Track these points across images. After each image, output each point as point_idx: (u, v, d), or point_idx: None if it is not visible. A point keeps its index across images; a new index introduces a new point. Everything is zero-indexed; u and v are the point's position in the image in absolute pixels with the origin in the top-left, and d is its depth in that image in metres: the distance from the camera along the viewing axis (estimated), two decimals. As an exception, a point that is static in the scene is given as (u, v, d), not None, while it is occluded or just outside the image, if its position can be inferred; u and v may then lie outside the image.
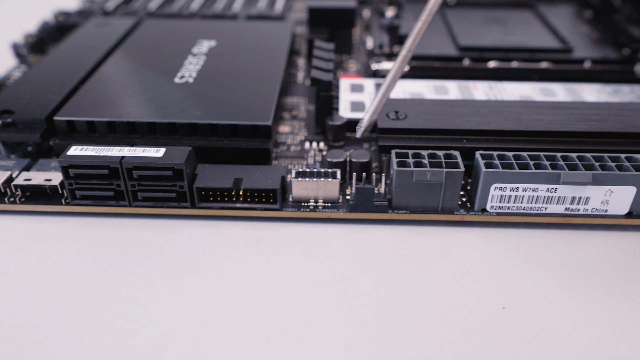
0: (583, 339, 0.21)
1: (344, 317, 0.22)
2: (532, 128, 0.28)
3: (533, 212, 0.26)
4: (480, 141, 0.28)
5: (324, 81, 0.31)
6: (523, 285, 0.24)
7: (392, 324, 0.22)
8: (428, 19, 0.27)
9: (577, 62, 0.39)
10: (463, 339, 0.21)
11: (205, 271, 0.24)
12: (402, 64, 0.27)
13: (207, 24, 0.40)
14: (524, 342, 0.21)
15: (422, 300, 0.23)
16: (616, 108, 0.30)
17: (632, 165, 0.26)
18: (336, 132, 0.31)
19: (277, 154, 0.31)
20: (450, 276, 0.24)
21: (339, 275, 0.24)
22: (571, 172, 0.25)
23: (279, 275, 0.24)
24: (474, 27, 0.43)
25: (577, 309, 0.23)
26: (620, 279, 0.24)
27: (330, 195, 0.27)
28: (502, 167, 0.26)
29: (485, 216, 0.26)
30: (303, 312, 0.22)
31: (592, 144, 0.28)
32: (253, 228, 0.27)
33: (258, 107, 0.29)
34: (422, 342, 0.21)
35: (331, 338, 0.21)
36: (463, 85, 0.36)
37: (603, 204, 0.26)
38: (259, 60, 0.35)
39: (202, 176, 0.26)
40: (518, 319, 0.22)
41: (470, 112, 0.29)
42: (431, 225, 0.27)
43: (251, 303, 0.23)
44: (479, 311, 0.22)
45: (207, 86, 0.32)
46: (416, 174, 0.25)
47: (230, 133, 0.29)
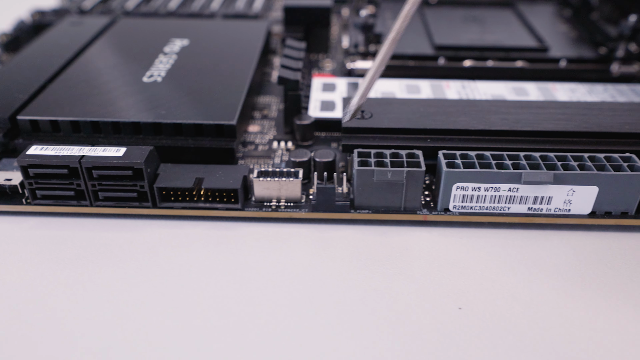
0: (540, 339, 0.21)
1: (302, 317, 0.22)
2: (498, 127, 0.28)
3: (496, 211, 0.26)
4: (444, 140, 0.28)
5: (291, 80, 0.31)
6: (482, 285, 0.24)
7: (348, 324, 0.22)
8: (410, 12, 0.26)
9: (552, 61, 0.39)
10: (416, 339, 0.21)
11: (165, 271, 0.24)
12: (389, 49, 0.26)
13: (181, 23, 0.40)
14: (477, 343, 0.21)
15: (378, 300, 0.23)
16: (584, 107, 0.30)
17: (594, 165, 0.26)
18: (304, 132, 0.31)
19: (245, 154, 0.30)
20: (408, 276, 0.24)
21: (298, 275, 0.24)
22: (532, 172, 0.25)
23: (238, 276, 0.24)
24: (452, 26, 0.43)
25: (534, 309, 0.22)
26: (580, 279, 0.24)
27: (292, 195, 0.27)
28: (464, 166, 0.25)
29: (448, 216, 0.26)
30: (262, 311, 0.22)
31: (557, 143, 0.28)
32: (215, 228, 0.27)
33: (224, 107, 0.29)
34: (375, 343, 0.21)
35: (289, 337, 0.21)
36: (436, 85, 0.36)
37: (566, 203, 0.26)
38: (230, 59, 0.35)
39: (164, 176, 0.26)
40: (473, 320, 0.22)
41: (437, 111, 0.29)
42: (394, 225, 0.27)
43: (211, 303, 0.23)
44: (434, 311, 0.22)
45: (174, 85, 0.31)
46: (377, 173, 0.25)
47: (195, 133, 0.28)
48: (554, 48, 0.40)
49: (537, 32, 0.42)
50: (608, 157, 0.26)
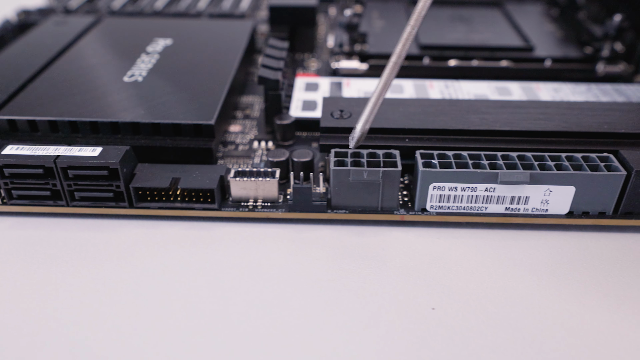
0: (514, 339, 0.21)
1: (277, 317, 0.22)
2: (476, 127, 0.28)
3: (473, 212, 0.26)
4: (423, 140, 0.28)
5: (271, 80, 0.31)
6: (457, 286, 0.23)
7: (321, 324, 0.22)
8: (417, 23, 0.25)
9: (537, 60, 0.39)
10: (388, 340, 0.21)
11: (141, 271, 0.24)
12: (392, 70, 0.25)
13: (166, 23, 0.40)
14: (449, 343, 0.21)
15: (352, 300, 0.23)
16: (564, 107, 0.30)
17: (571, 165, 0.26)
18: (285, 131, 0.31)
19: (225, 153, 0.30)
20: (383, 277, 0.24)
21: (273, 276, 0.24)
22: (509, 172, 0.25)
23: (214, 276, 0.24)
24: (439, 26, 0.43)
25: (509, 309, 0.22)
26: (557, 279, 0.24)
27: (269, 195, 0.27)
28: (441, 166, 0.25)
29: (425, 216, 0.26)
30: (238, 311, 0.22)
31: (535, 143, 0.27)
32: (192, 228, 0.27)
33: (203, 107, 0.29)
34: (348, 342, 0.21)
35: (265, 337, 0.21)
36: (419, 84, 0.36)
37: (543, 203, 0.26)
38: (212, 59, 0.35)
39: (140, 176, 0.26)
40: (446, 320, 0.22)
41: (417, 111, 0.29)
42: (372, 225, 0.27)
43: (187, 303, 0.23)
44: (407, 312, 0.22)
45: (155, 85, 0.31)
46: (353, 173, 0.25)
47: (173, 132, 0.28)
48: (539, 48, 0.40)
49: (523, 31, 0.42)
50: (586, 157, 0.26)
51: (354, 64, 0.39)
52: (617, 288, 0.23)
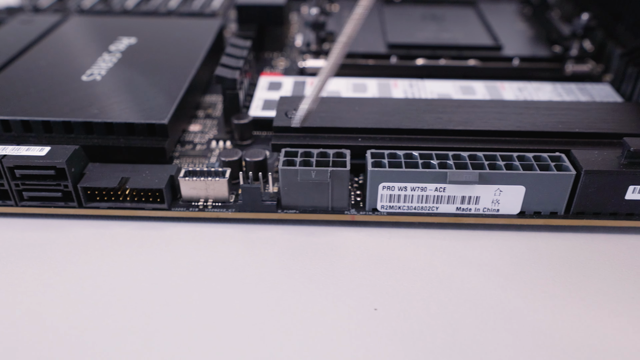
0: (452, 340, 0.21)
1: (225, 316, 0.22)
2: (429, 126, 0.28)
3: (424, 211, 0.26)
4: (376, 140, 0.27)
5: (228, 79, 0.30)
6: (402, 286, 0.23)
7: (268, 324, 0.21)
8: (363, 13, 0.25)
9: (505, 59, 0.39)
10: (328, 340, 0.21)
11: (89, 272, 0.24)
12: (341, 52, 0.25)
13: (132, 22, 0.40)
14: (388, 343, 0.21)
15: (296, 301, 0.23)
16: (522, 106, 0.30)
17: (522, 165, 0.25)
18: (242, 131, 0.31)
19: (181, 153, 0.30)
20: (328, 277, 0.24)
21: (220, 276, 0.24)
22: (457, 171, 0.25)
23: (162, 276, 0.24)
24: (409, 24, 0.43)
25: (452, 309, 0.22)
26: (505, 279, 0.24)
27: (220, 194, 0.26)
28: (390, 166, 0.25)
29: (376, 216, 0.26)
30: (186, 311, 0.22)
31: (489, 143, 0.27)
32: (142, 228, 0.26)
33: (157, 106, 0.29)
34: (291, 343, 0.21)
35: (211, 338, 0.21)
36: (384, 83, 0.36)
37: (494, 203, 0.26)
38: (175, 58, 0.34)
39: (90, 175, 0.26)
40: (386, 320, 0.22)
41: (373, 110, 0.29)
42: (323, 225, 0.27)
43: (135, 303, 0.22)
44: (349, 312, 0.22)
45: (113, 84, 0.31)
46: (301, 173, 0.25)
47: (126, 132, 0.28)
48: (509, 47, 0.40)
49: (494, 31, 0.42)
50: (537, 156, 0.26)
51: (321, 62, 0.38)
52: (564, 288, 0.23)
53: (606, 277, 0.24)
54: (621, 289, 0.23)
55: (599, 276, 0.24)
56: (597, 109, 0.29)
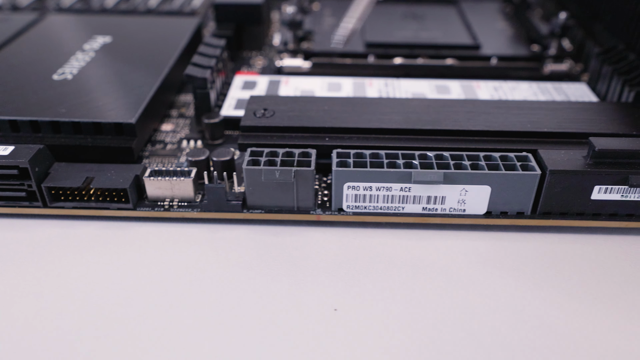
0: (410, 342, 0.21)
1: (188, 316, 0.22)
2: (397, 126, 0.27)
3: (390, 211, 0.26)
4: (343, 139, 0.27)
5: (198, 78, 0.30)
6: (364, 286, 0.23)
7: (231, 325, 0.21)
8: None
9: (483, 59, 0.39)
10: (287, 341, 0.21)
11: (53, 271, 0.24)
12: None
13: (109, 20, 0.40)
14: (347, 344, 0.21)
15: (256, 301, 0.22)
16: (492, 106, 0.29)
17: (488, 164, 0.25)
18: (213, 130, 0.30)
19: (151, 152, 0.30)
20: (291, 277, 0.24)
21: (184, 276, 0.24)
22: (422, 171, 0.25)
23: (127, 276, 0.24)
24: (389, 23, 0.43)
25: (412, 310, 0.22)
26: (465, 278, 0.24)
27: (185, 194, 0.26)
28: (355, 165, 0.25)
29: (342, 216, 0.26)
30: (149, 312, 0.22)
31: (457, 142, 0.27)
32: (107, 228, 0.26)
33: (126, 105, 0.29)
34: (248, 343, 0.21)
35: (176, 337, 0.21)
36: (359, 82, 0.35)
37: (460, 203, 0.26)
38: (148, 57, 0.34)
39: (54, 175, 0.26)
40: (346, 321, 0.22)
41: (342, 109, 0.29)
42: (289, 225, 0.26)
43: (101, 303, 0.22)
44: (309, 312, 0.22)
45: (83, 83, 0.31)
46: (265, 172, 0.25)
47: (94, 131, 0.28)
48: (488, 46, 0.40)
49: (473, 29, 0.42)
50: (504, 156, 0.26)
51: (298, 62, 0.38)
52: (528, 287, 0.23)
53: (570, 276, 0.24)
54: (586, 288, 0.23)
55: (563, 276, 0.24)
56: (568, 109, 0.29)
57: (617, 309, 0.22)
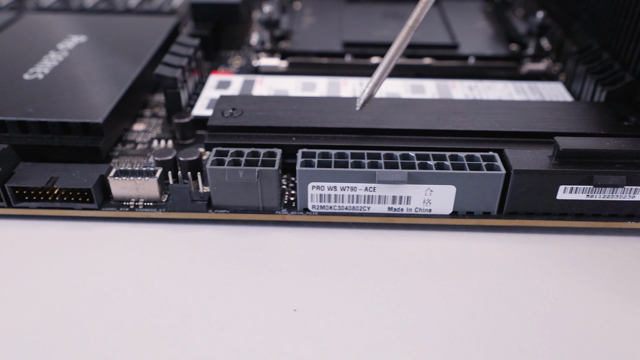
0: (368, 342, 0.21)
1: (148, 316, 0.22)
2: (364, 125, 0.27)
3: (356, 211, 0.26)
4: (310, 139, 0.27)
5: (168, 77, 0.30)
6: (325, 287, 0.23)
7: (186, 325, 0.21)
8: None
9: (461, 58, 0.39)
10: (244, 340, 0.21)
11: (18, 271, 0.24)
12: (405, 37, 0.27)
13: (86, 19, 0.40)
14: (306, 344, 0.21)
15: (216, 301, 0.22)
16: (463, 106, 0.29)
17: (454, 164, 0.25)
18: (184, 130, 0.30)
19: (121, 152, 0.30)
20: (253, 277, 0.23)
21: (143, 276, 0.24)
22: (386, 171, 0.24)
23: (89, 276, 0.24)
24: (368, 22, 0.43)
25: (371, 310, 0.22)
26: (427, 279, 0.23)
27: (150, 194, 0.26)
28: (320, 165, 0.25)
29: (307, 216, 0.26)
30: (112, 311, 0.22)
31: (425, 142, 0.27)
32: (72, 228, 0.26)
33: (95, 105, 0.29)
34: (206, 343, 0.21)
35: (136, 336, 0.21)
36: (334, 82, 0.35)
37: (425, 203, 0.25)
38: (122, 56, 0.34)
39: (19, 175, 0.26)
40: (305, 322, 0.21)
41: (310, 109, 0.29)
42: (255, 225, 0.26)
43: (62, 304, 0.22)
44: (269, 313, 0.22)
45: (54, 83, 0.31)
46: (228, 172, 0.25)
47: (61, 131, 0.28)
48: (466, 45, 0.40)
49: (453, 29, 0.42)
50: (470, 156, 0.26)
51: (275, 61, 0.38)
52: (490, 288, 0.23)
53: (533, 277, 0.24)
54: (547, 289, 0.23)
55: (526, 276, 0.24)
56: (538, 108, 0.29)
57: (582, 309, 0.22)
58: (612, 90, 0.30)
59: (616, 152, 0.24)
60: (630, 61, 0.31)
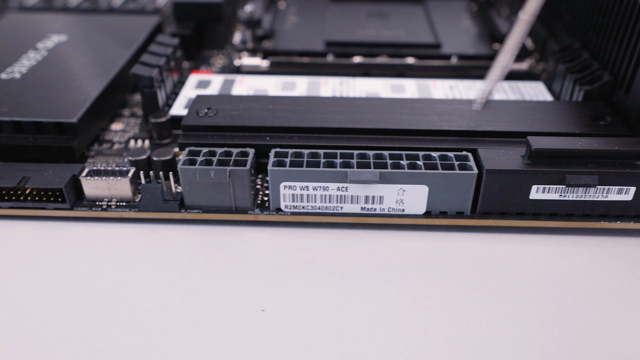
0: (335, 341, 0.21)
1: (122, 316, 0.22)
2: (339, 125, 0.27)
3: (328, 211, 0.26)
4: (284, 138, 0.27)
5: (144, 77, 0.30)
6: (294, 287, 0.23)
7: (154, 325, 0.21)
8: None
9: (444, 57, 0.39)
10: (210, 341, 0.21)
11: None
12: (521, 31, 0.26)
13: (67, 19, 0.40)
14: (275, 345, 0.20)
15: (185, 301, 0.22)
16: (439, 105, 0.29)
17: (427, 164, 0.25)
18: (160, 130, 0.30)
19: (97, 152, 0.30)
20: (223, 277, 0.23)
21: (114, 276, 0.23)
22: (357, 171, 0.24)
23: (60, 276, 0.23)
24: (352, 22, 0.43)
25: (338, 310, 0.22)
26: (397, 280, 0.23)
27: (123, 194, 0.26)
28: (292, 165, 0.25)
29: (280, 216, 0.26)
30: (83, 310, 0.22)
31: (400, 141, 0.27)
32: (44, 228, 0.26)
33: (69, 104, 0.29)
34: (173, 342, 0.20)
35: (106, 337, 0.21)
36: (314, 81, 0.35)
37: (398, 203, 0.25)
38: (100, 56, 0.34)
39: (-10, 175, 0.26)
40: (273, 322, 0.21)
41: (286, 109, 0.29)
42: (228, 225, 0.26)
43: (34, 303, 0.22)
44: (237, 313, 0.22)
45: (31, 82, 0.31)
46: (200, 172, 0.25)
47: (35, 130, 0.28)
48: (450, 44, 0.40)
49: (436, 28, 0.42)
50: (444, 155, 0.25)
51: (256, 61, 0.38)
52: (459, 288, 0.23)
53: (505, 277, 0.24)
54: (518, 289, 0.23)
55: (497, 277, 0.24)
56: (515, 108, 0.29)
57: (554, 310, 0.22)
58: (589, 89, 0.30)
59: (588, 151, 0.24)
60: (609, 60, 0.31)
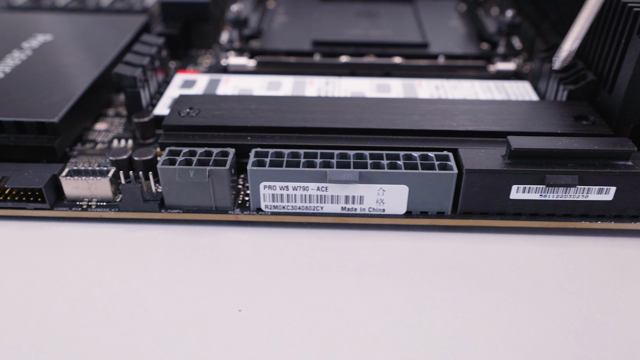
0: (311, 341, 0.21)
1: (97, 316, 0.22)
2: (320, 125, 0.27)
3: (309, 211, 0.26)
4: (265, 138, 0.27)
5: (127, 77, 0.30)
6: (273, 287, 0.23)
7: (135, 324, 0.21)
8: None
9: (431, 57, 0.39)
10: (187, 341, 0.21)
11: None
12: None
13: (54, 18, 0.39)
14: (253, 345, 0.20)
15: (162, 301, 0.22)
16: (423, 105, 0.29)
17: (407, 164, 0.25)
18: (144, 130, 0.30)
19: (80, 152, 0.30)
20: (201, 277, 0.23)
21: (93, 276, 0.23)
22: (337, 170, 0.24)
23: (38, 276, 0.23)
24: (340, 21, 0.43)
25: (318, 310, 0.22)
26: (376, 279, 0.23)
27: (103, 194, 0.26)
28: (272, 165, 0.25)
29: (260, 216, 0.26)
30: (62, 310, 0.22)
31: (380, 141, 0.27)
32: (24, 228, 0.26)
33: (52, 104, 0.29)
34: (149, 342, 0.20)
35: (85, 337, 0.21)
36: (299, 81, 0.35)
37: (379, 203, 0.25)
38: (85, 55, 0.34)
39: (-30, 174, 0.26)
40: (249, 322, 0.21)
41: (269, 108, 0.29)
42: (208, 225, 0.26)
43: (13, 304, 0.22)
44: (214, 313, 0.22)
45: (14, 82, 0.31)
46: (179, 172, 0.24)
47: (16, 130, 0.28)
48: (437, 44, 0.40)
49: (425, 27, 0.42)
50: (424, 155, 0.25)
51: (243, 60, 0.38)
52: (439, 288, 0.23)
53: (484, 276, 0.24)
54: (497, 289, 0.23)
55: (476, 277, 0.24)
56: (498, 108, 0.29)
57: (532, 311, 0.22)
58: (573, 89, 0.30)
59: (569, 151, 0.24)
60: (593, 60, 0.31)
